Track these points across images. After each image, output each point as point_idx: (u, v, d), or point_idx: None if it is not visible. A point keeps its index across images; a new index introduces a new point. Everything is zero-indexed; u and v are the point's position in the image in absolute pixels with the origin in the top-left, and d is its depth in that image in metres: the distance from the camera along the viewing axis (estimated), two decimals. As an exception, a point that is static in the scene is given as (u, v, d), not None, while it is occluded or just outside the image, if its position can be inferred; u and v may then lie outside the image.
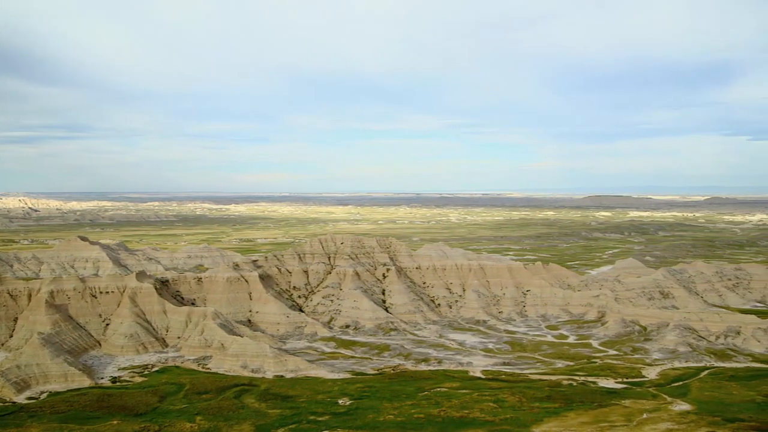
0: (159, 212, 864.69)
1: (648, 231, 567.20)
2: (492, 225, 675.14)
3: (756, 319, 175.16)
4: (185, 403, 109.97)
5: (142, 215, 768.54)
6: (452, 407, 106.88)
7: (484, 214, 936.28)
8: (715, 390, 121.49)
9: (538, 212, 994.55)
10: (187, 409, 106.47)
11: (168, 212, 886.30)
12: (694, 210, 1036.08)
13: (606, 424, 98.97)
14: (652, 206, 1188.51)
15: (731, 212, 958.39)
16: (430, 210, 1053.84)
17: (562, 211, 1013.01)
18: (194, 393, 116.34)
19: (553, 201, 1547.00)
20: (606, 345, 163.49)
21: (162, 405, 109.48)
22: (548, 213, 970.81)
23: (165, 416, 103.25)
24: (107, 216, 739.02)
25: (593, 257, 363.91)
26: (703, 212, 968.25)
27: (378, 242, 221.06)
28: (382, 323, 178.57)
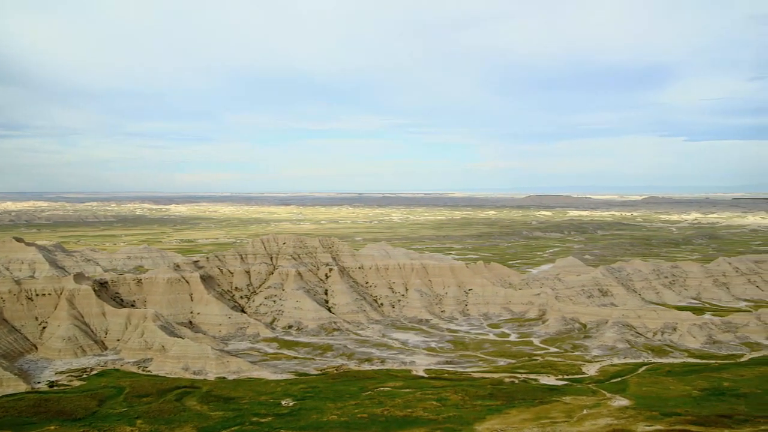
0: (97, 213, 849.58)
1: (587, 230, 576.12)
2: (434, 224, 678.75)
3: (691, 315, 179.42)
4: (125, 407, 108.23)
5: (79, 216, 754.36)
6: (395, 406, 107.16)
7: (427, 213, 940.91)
8: (652, 385, 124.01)
9: (479, 212, 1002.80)
10: (127, 413, 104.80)
11: (107, 213, 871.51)
12: (631, 209, 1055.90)
13: (547, 420, 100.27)
14: (592, 206, 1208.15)
15: (667, 211, 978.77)
16: (373, 210, 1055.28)
17: (504, 211, 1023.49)
18: (134, 396, 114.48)
19: (495, 201, 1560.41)
20: (547, 342, 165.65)
21: (101, 409, 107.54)
22: (490, 212, 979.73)
23: (104, 420, 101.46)
24: (44, 216, 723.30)
25: (534, 256, 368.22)
26: (641, 211, 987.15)
27: (321, 242, 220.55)
28: (325, 323, 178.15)
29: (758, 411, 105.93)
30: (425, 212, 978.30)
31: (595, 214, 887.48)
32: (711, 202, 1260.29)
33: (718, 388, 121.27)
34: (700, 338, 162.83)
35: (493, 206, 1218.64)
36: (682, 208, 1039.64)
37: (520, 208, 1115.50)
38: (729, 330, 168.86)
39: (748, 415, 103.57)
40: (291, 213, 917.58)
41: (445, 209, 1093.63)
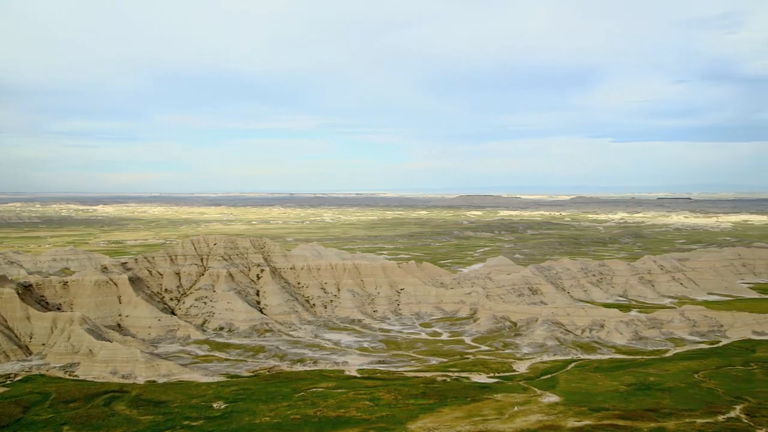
0: (21, 213, 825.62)
1: (517, 229, 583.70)
2: (366, 225, 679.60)
3: (618, 312, 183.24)
4: (51, 413, 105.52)
5: (2, 216, 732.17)
6: (328, 407, 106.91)
7: (359, 213, 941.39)
8: (581, 381, 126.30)
9: (411, 212, 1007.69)
10: (54, 419, 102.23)
11: (31, 213, 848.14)
12: (560, 209, 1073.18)
13: (479, 418, 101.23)
14: (521, 205, 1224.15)
15: (595, 211, 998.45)
16: (305, 210, 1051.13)
17: (435, 211, 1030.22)
18: (61, 402, 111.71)
19: (426, 200, 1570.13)
20: (478, 341, 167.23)
21: (26, 416, 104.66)
22: (421, 212, 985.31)
23: (29, 428, 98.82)
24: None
25: (465, 255, 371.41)
26: (569, 211, 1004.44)
27: (252, 243, 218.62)
28: (257, 324, 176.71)
29: (682, 404, 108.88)
30: (357, 212, 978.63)
31: (524, 214, 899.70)
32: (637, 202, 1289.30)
33: (644, 382, 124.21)
34: (627, 335, 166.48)
35: (424, 206, 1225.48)
36: (609, 208, 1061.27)
37: (451, 208, 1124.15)
38: (654, 326, 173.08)
39: (673, 408, 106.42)
40: (222, 213, 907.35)
41: (377, 209, 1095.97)
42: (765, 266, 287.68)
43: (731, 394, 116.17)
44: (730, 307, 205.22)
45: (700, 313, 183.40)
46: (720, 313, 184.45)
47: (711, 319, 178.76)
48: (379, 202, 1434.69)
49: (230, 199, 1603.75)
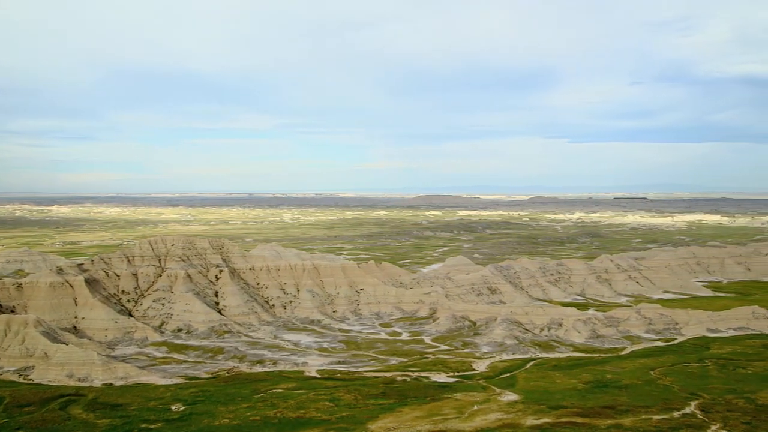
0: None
1: (476, 229, 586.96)
2: (325, 225, 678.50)
3: (576, 311, 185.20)
4: (5, 418, 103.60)
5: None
6: (288, 408, 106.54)
7: (318, 214, 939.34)
8: (540, 380, 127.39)
9: (370, 212, 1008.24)
10: (8, 424, 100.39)
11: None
12: (518, 209, 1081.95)
13: (439, 417, 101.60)
14: (480, 205, 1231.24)
15: (553, 211, 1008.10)
16: (264, 210, 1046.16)
17: (394, 211, 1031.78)
18: (15, 406, 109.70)
19: (386, 201, 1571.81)
20: (438, 340, 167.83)
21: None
22: (381, 212, 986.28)
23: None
24: None
25: (424, 255, 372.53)
26: (527, 211, 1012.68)
27: (210, 243, 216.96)
28: (216, 326, 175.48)
29: (639, 401, 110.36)
30: (316, 212, 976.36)
31: (483, 214, 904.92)
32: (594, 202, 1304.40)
33: (601, 380, 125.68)
34: (585, 333, 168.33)
35: (383, 206, 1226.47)
36: (567, 208, 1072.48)
37: (410, 208, 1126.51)
38: (611, 324, 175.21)
39: (630, 405, 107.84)
40: (180, 214, 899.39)
41: (336, 209, 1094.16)
42: (719, 265, 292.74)
43: (686, 390, 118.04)
44: (685, 305, 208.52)
45: (656, 311, 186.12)
46: (675, 311, 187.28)
47: (666, 317, 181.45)
48: (339, 202, 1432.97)
49: (188, 200, 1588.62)
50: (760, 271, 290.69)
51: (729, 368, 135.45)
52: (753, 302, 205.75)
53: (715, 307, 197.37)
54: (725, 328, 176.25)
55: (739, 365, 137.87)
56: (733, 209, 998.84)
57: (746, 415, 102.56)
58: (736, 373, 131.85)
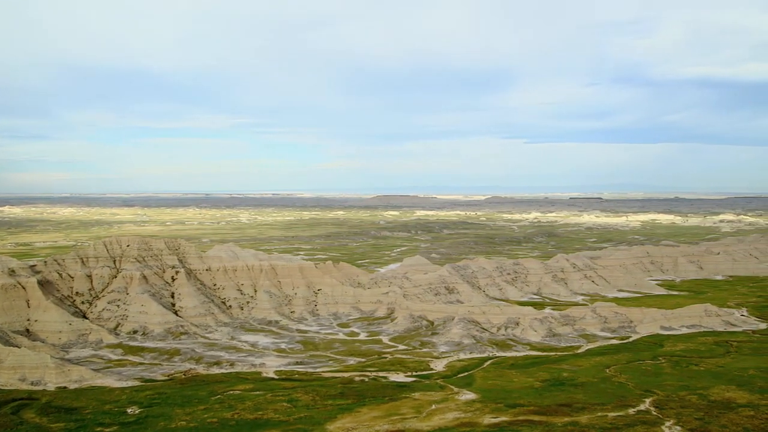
0: None
1: (433, 229, 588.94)
2: (283, 225, 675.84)
3: (533, 310, 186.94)
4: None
5: None
6: (246, 409, 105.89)
7: (275, 214, 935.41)
8: (497, 378, 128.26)
9: (328, 212, 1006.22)
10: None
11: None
12: (476, 209, 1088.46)
13: (397, 417, 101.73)
14: (437, 205, 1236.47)
15: (510, 211, 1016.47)
16: (220, 211, 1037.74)
17: (352, 211, 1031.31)
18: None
19: (343, 201, 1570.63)
20: (396, 340, 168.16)
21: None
22: (338, 212, 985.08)
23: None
24: None
25: (382, 255, 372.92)
26: (484, 211, 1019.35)
27: (166, 244, 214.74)
28: (172, 327, 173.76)
29: (595, 399, 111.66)
30: (273, 213, 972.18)
31: (441, 214, 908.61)
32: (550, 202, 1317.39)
33: (558, 378, 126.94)
34: (541, 332, 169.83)
35: (341, 206, 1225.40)
36: (524, 208, 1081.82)
37: (368, 208, 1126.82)
38: (567, 323, 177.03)
39: (586, 403, 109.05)
40: (135, 214, 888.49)
41: (294, 210, 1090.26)
42: (672, 264, 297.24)
43: (641, 387, 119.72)
44: (639, 303, 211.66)
45: (611, 309, 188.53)
46: (630, 309, 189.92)
47: (621, 316, 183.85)
48: (296, 203, 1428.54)
49: (143, 200, 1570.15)
50: (712, 269, 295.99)
51: (682, 365, 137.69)
52: (705, 300, 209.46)
53: (669, 306, 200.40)
54: (678, 326, 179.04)
55: (692, 362, 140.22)
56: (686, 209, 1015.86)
57: (699, 411, 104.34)
58: (689, 369, 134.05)
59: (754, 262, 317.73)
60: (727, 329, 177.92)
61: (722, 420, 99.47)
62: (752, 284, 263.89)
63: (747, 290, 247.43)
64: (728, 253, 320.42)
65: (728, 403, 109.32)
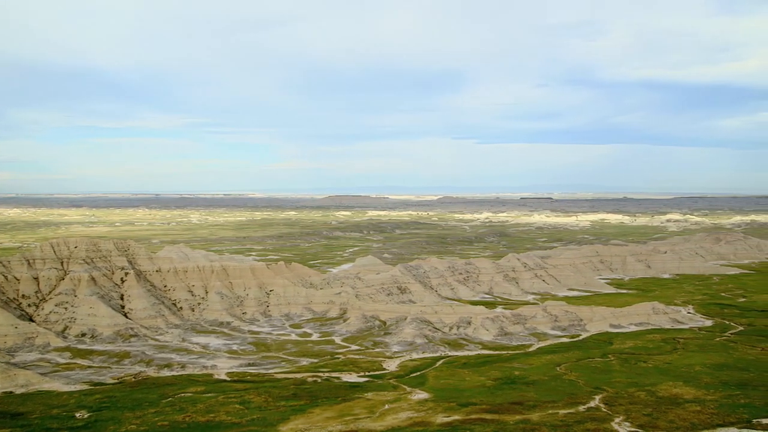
0: None
1: (386, 229, 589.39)
2: (234, 226, 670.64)
3: (484, 309, 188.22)
4: None
5: None
6: (197, 412, 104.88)
7: (226, 214, 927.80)
8: (449, 378, 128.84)
9: (280, 212, 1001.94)
10: None
11: None
12: (427, 209, 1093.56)
13: (350, 417, 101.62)
14: (389, 206, 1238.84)
15: (461, 211, 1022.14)
16: (171, 211, 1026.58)
17: (304, 211, 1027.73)
18: None
19: (295, 201, 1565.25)
20: (348, 341, 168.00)
21: None
22: (290, 213, 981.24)
23: None
24: None
25: (334, 256, 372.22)
26: (436, 211, 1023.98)
27: (115, 245, 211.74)
28: (122, 330, 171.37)
29: (546, 396, 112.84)
30: (225, 213, 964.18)
31: (393, 214, 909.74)
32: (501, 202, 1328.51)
33: (509, 377, 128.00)
34: (493, 331, 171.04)
35: (293, 207, 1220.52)
36: (475, 208, 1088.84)
37: (320, 209, 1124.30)
38: (519, 322, 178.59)
39: (537, 400, 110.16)
40: (83, 215, 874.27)
41: (245, 210, 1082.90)
42: (620, 262, 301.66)
43: (591, 385, 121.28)
44: (589, 302, 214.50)
45: (561, 308, 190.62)
46: (580, 308, 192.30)
47: (571, 314, 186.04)
48: (247, 203, 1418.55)
49: (92, 200, 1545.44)
50: (660, 268, 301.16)
51: (631, 362, 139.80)
52: (653, 298, 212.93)
53: (618, 304, 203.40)
54: (627, 324, 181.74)
55: (640, 359, 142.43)
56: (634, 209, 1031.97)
57: (647, 407, 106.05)
58: (638, 366, 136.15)
59: (699, 260, 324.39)
60: (674, 326, 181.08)
61: (670, 415, 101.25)
62: (698, 282, 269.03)
63: (693, 288, 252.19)
64: (675, 252, 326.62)
65: (675, 398, 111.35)
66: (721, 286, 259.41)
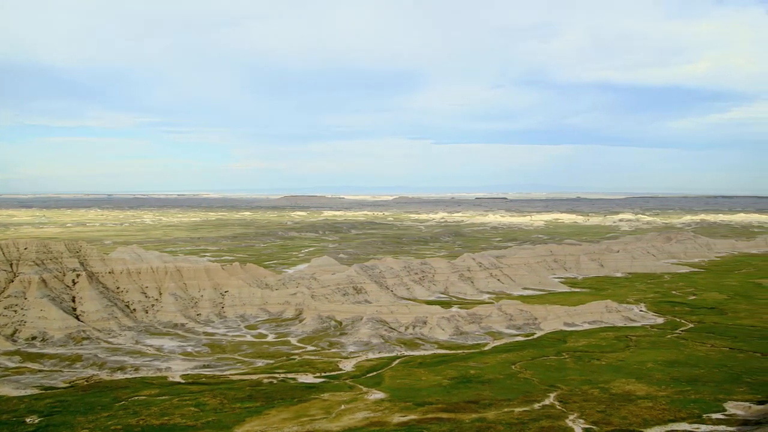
0: None
1: (341, 230, 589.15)
2: (188, 226, 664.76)
3: (440, 309, 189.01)
4: None
5: None
6: (152, 415, 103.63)
7: (180, 215, 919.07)
8: (406, 377, 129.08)
9: (235, 213, 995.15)
10: None
11: None
12: (383, 209, 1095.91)
13: (306, 418, 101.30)
14: (345, 206, 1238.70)
15: (417, 211, 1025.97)
16: (123, 212, 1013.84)
17: (259, 212, 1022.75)
18: None
19: (250, 201, 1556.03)
20: (304, 341, 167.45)
21: None
22: (245, 213, 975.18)
23: None
24: None
25: (290, 256, 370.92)
26: (392, 211, 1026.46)
27: (67, 246, 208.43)
28: (73, 332, 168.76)
29: (501, 395, 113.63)
30: (178, 214, 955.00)
31: (348, 214, 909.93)
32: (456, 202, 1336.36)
33: (465, 376, 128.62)
34: (449, 330, 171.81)
35: (248, 207, 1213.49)
36: (430, 208, 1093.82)
37: (275, 209, 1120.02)
38: (474, 321, 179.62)
39: (493, 399, 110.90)
40: (33, 216, 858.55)
41: (200, 210, 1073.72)
42: (574, 262, 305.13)
43: (545, 383, 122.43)
44: (543, 300, 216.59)
45: (516, 307, 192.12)
46: (534, 306, 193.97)
47: (526, 313, 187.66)
48: (202, 203, 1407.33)
49: (42, 201, 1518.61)
50: (612, 267, 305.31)
51: (584, 360, 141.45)
52: (606, 297, 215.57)
53: (571, 303, 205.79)
54: (581, 322, 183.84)
55: (593, 357, 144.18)
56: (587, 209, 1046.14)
57: (601, 404, 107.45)
58: (591, 364, 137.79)
59: (651, 259, 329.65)
60: (627, 324, 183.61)
61: (623, 412, 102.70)
62: (650, 281, 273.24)
63: (645, 287, 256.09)
64: (627, 251, 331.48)
65: (628, 395, 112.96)
66: (672, 284, 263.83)
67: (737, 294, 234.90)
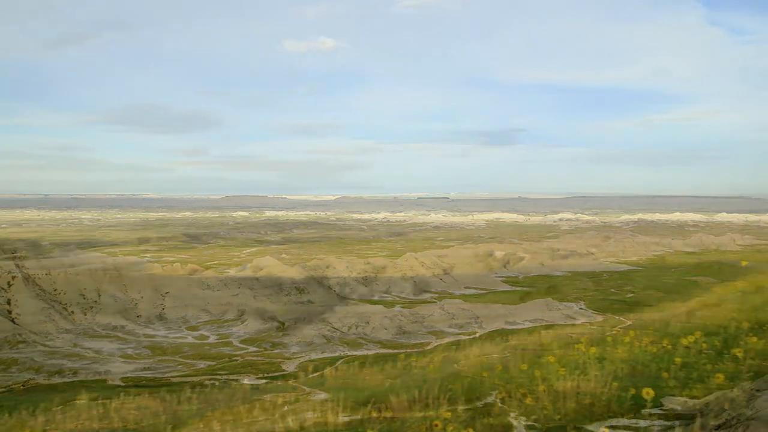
0: None
1: (284, 230, 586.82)
2: (128, 227, 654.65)
3: (383, 308, 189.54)
4: None
5: None
6: (91, 419, 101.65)
7: (120, 215, 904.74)
8: (349, 377, 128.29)
9: (176, 213, 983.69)
10: None
11: None
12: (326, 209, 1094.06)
13: (249, 419, 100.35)
14: (287, 206, 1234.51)
15: (359, 211, 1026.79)
16: (61, 212, 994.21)
17: (200, 212, 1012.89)
18: None
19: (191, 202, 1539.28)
20: (246, 342, 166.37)
21: None
22: (186, 214, 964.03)
23: None
24: None
25: (232, 257, 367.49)
26: (334, 211, 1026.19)
27: (1, 247, 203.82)
28: (9, 336, 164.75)
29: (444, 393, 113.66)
30: (118, 214, 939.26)
31: (291, 214, 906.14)
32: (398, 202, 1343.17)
33: (409, 375, 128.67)
34: (392, 330, 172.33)
35: (189, 208, 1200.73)
36: (373, 208, 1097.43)
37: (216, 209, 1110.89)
38: (417, 320, 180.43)
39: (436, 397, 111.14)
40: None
41: (139, 211, 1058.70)
42: (515, 260, 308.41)
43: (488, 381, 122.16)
44: (485, 299, 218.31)
45: (459, 306, 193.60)
46: (476, 305, 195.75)
47: (468, 312, 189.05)
48: (141, 204, 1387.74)
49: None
50: (553, 265, 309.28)
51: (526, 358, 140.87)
52: (546, 295, 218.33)
53: (512, 301, 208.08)
54: (522, 321, 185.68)
55: (535, 354, 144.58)
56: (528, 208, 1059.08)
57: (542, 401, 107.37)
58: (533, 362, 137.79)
59: (590, 257, 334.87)
60: (568, 322, 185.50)
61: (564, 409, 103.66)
62: (589, 279, 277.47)
63: (584, 285, 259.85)
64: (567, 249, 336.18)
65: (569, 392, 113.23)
66: (610, 282, 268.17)
67: (673, 291, 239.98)
